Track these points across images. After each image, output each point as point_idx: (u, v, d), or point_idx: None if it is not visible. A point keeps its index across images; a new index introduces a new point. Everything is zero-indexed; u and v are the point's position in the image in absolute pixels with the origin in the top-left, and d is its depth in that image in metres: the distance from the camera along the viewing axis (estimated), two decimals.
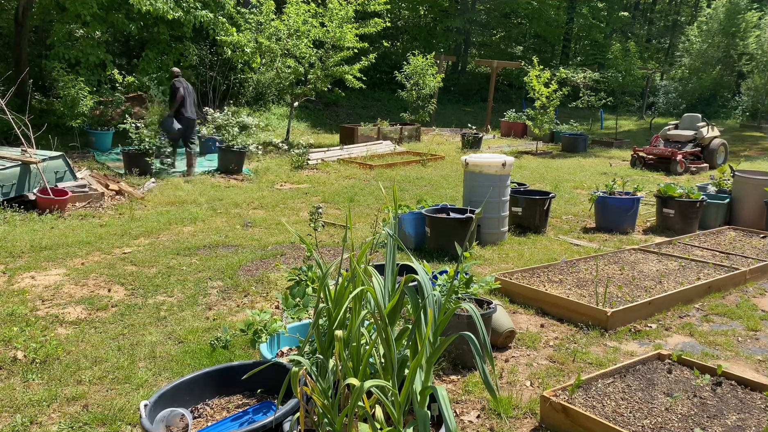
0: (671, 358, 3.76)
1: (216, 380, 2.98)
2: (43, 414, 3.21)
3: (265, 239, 6.74)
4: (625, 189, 7.89)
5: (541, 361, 4.00)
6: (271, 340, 3.45)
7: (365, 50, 15.25)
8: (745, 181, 7.98)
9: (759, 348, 4.29)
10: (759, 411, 3.20)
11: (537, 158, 14.33)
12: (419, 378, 2.49)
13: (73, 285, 5.13)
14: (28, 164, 7.64)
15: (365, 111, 21.74)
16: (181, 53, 14.94)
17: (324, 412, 2.50)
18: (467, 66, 29.49)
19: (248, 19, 14.40)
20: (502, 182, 6.77)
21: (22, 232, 6.61)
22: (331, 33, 14.21)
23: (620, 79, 20.14)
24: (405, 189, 9.82)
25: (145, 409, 2.61)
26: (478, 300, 4.06)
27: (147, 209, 8.02)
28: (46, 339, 3.99)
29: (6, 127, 10.58)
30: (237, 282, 5.29)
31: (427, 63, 16.92)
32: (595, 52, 29.32)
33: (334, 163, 12.25)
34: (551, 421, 3.17)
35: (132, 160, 9.81)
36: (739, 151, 16.53)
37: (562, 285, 5.25)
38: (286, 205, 8.54)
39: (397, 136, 15.72)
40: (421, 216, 6.47)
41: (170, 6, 12.89)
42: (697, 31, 27.08)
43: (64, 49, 12.62)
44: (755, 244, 6.92)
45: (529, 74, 15.47)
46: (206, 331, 4.26)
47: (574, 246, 6.83)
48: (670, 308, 4.92)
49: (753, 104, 23.80)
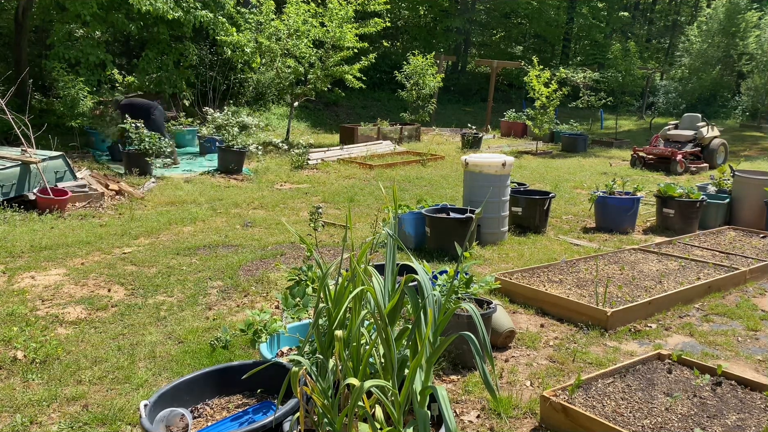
0: (671, 358, 3.76)
1: (216, 380, 2.99)
2: (43, 414, 3.21)
3: (265, 239, 6.74)
4: (625, 189, 7.88)
5: (541, 361, 4.00)
6: (271, 340, 3.45)
7: (365, 50, 15.26)
8: (745, 181, 7.98)
9: (759, 348, 4.29)
10: (759, 411, 3.20)
11: (537, 158, 14.33)
12: (419, 378, 2.49)
13: (73, 285, 5.13)
14: (28, 164, 7.64)
15: (365, 111, 21.74)
16: (181, 53, 14.95)
17: (324, 412, 2.50)
18: (467, 66, 29.49)
19: (248, 19, 14.41)
20: (502, 182, 6.77)
21: (22, 232, 6.61)
22: (331, 33, 14.21)
23: (620, 79, 20.13)
24: (405, 189, 9.82)
25: (145, 409, 2.61)
26: (478, 300, 4.05)
27: (147, 209, 8.02)
28: (46, 339, 3.99)
29: (6, 127, 10.58)
30: (237, 282, 5.29)
31: (427, 63, 16.92)
32: (595, 52, 29.31)
33: (334, 163, 12.25)
34: (551, 421, 3.17)
35: (132, 160, 9.82)
36: (739, 151, 16.52)
37: (562, 285, 5.25)
38: (286, 205, 8.54)
39: (397, 136, 15.72)
40: (421, 216, 6.47)
41: (170, 6, 12.89)
42: (697, 31, 27.08)
43: (64, 49, 12.62)
44: (755, 244, 6.92)
45: (529, 74, 15.46)
46: (206, 331, 4.26)
47: (574, 246, 6.83)
48: (670, 308, 4.92)
49: (753, 104, 23.79)
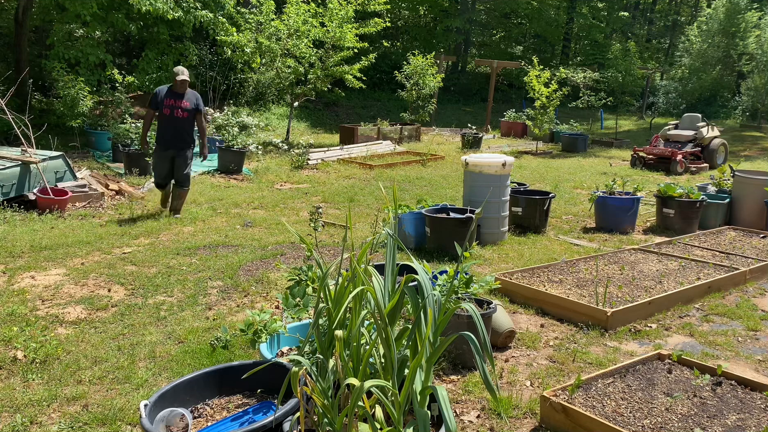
0: (671, 358, 3.76)
1: (216, 380, 2.99)
2: (43, 414, 3.21)
3: (265, 239, 6.74)
4: (625, 189, 7.89)
5: (541, 361, 4.00)
6: (271, 340, 3.45)
7: (365, 50, 15.25)
8: (745, 181, 7.98)
9: (759, 348, 4.29)
10: (759, 411, 3.20)
11: (537, 158, 14.33)
12: (419, 378, 2.49)
13: (73, 285, 5.13)
14: (28, 164, 7.64)
15: (365, 111, 21.74)
16: (181, 53, 14.94)
17: (324, 412, 2.50)
18: (467, 66, 29.49)
19: (248, 19, 14.40)
20: (502, 182, 6.77)
21: (22, 232, 6.61)
22: (331, 33, 14.21)
23: (620, 79, 20.14)
24: (405, 189, 9.82)
25: (145, 409, 2.61)
26: (478, 300, 4.05)
27: (147, 209, 8.02)
28: (46, 339, 3.99)
29: (6, 127, 10.58)
30: (237, 282, 5.29)
31: (427, 63, 16.92)
32: (595, 52, 29.31)
33: (334, 163, 12.25)
34: (551, 421, 3.17)
35: (132, 160, 9.82)
36: (739, 151, 16.53)
37: (562, 285, 5.25)
38: (286, 205, 8.54)
39: (397, 136, 15.72)
40: (421, 216, 6.47)
41: (170, 6, 12.89)
42: (696, 31, 27.07)
43: (63, 49, 12.62)
44: (755, 244, 6.92)
45: (529, 74, 15.47)
46: (206, 331, 4.26)
47: (574, 246, 6.83)
48: (670, 308, 4.92)
49: (753, 104, 23.79)
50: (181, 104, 7.28)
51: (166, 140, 7.36)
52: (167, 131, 7.34)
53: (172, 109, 7.24)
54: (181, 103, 7.28)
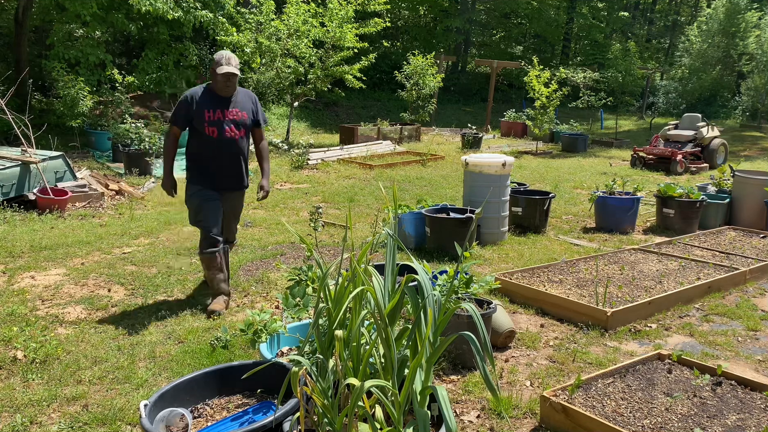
0: (671, 358, 3.76)
1: (216, 380, 2.99)
2: (43, 414, 3.21)
3: (265, 239, 6.74)
4: (625, 189, 7.88)
5: (541, 361, 4.00)
6: (271, 340, 3.45)
7: (365, 50, 15.25)
8: (745, 181, 7.97)
9: (759, 348, 4.29)
10: (759, 411, 3.20)
11: (537, 158, 14.33)
12: (419, 378, 2.49)
13: (72, 285, 5.13)
14: (28, 164, 7.64)
15: (365, 111, 21.74)
16: (181, 53, 14.95)
17: (324, 412, 2.50)
18: (467, 66, 29.49)
19: (248, 19, 14.41)
20: (502, 182, 6.77)
21: (22, 232, 6.61)
22: (331, 33, 14.21)
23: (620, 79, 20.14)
24: (405, 189, 9.82)
25: (145, 409, 2.61)
26: (478, 300, 4.05)
27: (147, 209, 8.02)
28: (46, 339, 3.99)
29: (6, 127, 10.58)
30: (237, 282, 5.29)
31: (427, 63, 16.92)
32: (595, 52, 29.32)
33: (334, 163, 12.25)
34: (551, 421, 3.17)
35: (132, 160, 9.82)
36: (739, 151, 16.53)
37: (562, 285, 5.25)
38: (286, 205, 8.54)
39: (397, 136, 15.72)
40: (421, 216, 6.47)
41: (170, 6, 12.90)
42: (696, 31, 27.09)
43: (63, 49, 12.63)
44: (755, 244, 6.92)
45: (529, 74, 15.46)
46: (206, 331, 4.26)
47: (574, 246, 6.83)
48: (670, 308, 4.92)
49: (753, 104, 23.80)
50: (231, 115, 4.47)
51: (211, 176, 4.55)
52: (212, 162, 4.53)
53: (220, 127, 4.43)
54: (231, 113, 4.48)
